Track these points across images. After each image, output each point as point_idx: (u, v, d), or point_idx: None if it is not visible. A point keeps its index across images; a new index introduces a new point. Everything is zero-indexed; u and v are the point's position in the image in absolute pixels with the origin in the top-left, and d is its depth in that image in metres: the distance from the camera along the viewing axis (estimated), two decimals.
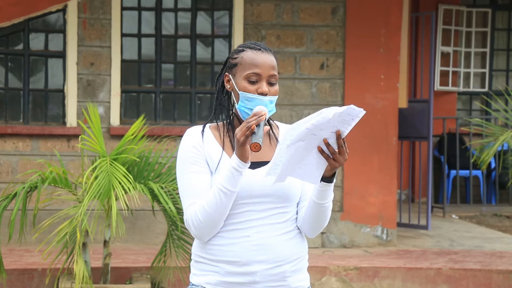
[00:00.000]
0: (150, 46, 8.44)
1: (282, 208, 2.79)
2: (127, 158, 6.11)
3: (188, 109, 8.46)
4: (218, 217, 2.71)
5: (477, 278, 7.31)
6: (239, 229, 2.75)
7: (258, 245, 2.74)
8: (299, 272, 2.83)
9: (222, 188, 2.67)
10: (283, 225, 2.78)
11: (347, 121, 2.58)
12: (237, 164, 2.65)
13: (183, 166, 2.78)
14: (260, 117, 2.62)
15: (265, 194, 2.75)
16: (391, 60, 8.32)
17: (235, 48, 2.85)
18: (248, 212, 2.75)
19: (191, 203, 2.74)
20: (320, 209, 2.76)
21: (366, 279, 7.27)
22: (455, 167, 11.16)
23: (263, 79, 2.76)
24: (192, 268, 2.86)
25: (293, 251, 2.79)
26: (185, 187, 2.76)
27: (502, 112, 7.46)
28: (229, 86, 2.82)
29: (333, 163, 2.65)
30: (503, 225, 10.28)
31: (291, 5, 8.32)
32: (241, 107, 2.75)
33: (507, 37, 12.15)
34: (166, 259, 6.44)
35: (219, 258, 2.77)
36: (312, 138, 2.60)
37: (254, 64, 2.75)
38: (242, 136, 2.61)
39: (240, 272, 2.75)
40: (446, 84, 11.85)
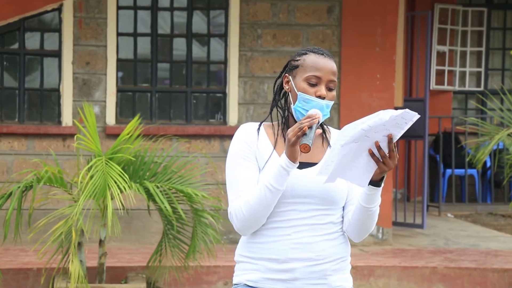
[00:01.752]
0: (146, 45, 8.44)
1: (325, 210, 2.82)
2: (123, 158, 6.11)
3: (184, 109, 8.46)
4: (261, 213, 2.76)
5: (472, 277, 7.32)
6: (280, 227, 2.80)
7: (297, 243, 2.79)
8: (341, 272, 2.86)
9: (268, 185, 2.72)
10: (325, 227, 2.82)
11: (400, 125, 2.60)
12: (286, 164, 2.70)
13: (233, 160, 2.83)
14: (314, 119, 2.67)
15: (309, 195, 2.79)
16: (387, 59, 8.33)
17: (297, 51, 2.91)
18: (291, 211, 2.80)
19: (237, 197, 2.80)
20: (367, 213, 2.79)
21: (361, 278, 7.28)
22: (450, 166, 11.17)
23: (323, 83, 2.81)
24: (235, 270, 2.92)
25: (333, 251, 2.83)
26: (232, 180, 2.82)
27: (497, 111, 7.47)
28: (288, 87, 2.87)
29: (382, 167, 2.68)
30: (498, 223, 10.29)
31: (287, 4, 8.32)
32: (298, 107, 2.80)
33: (502, 36, 12.16)
34: (161, 259, 6.44)
35: (260, 256, 2.82)
36: (365, 140, 2.62)
37: (315, 67, 2.81)
38: (293, 136, 2.66)
39: (280, 269, 2.80)
40: (441, 83, 11.86)
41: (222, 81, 8.47)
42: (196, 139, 8.22)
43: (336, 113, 8.29)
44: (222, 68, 8.47)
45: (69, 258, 5.98)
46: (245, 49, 8.31)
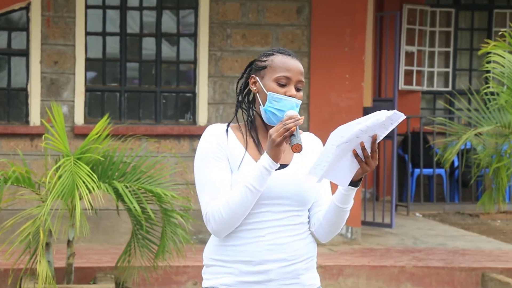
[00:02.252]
0: (114, 44, 8.40)
1: (297, 212, 2.84)
2: (91, 157, 6.08)
3: (153, 108, 8.43)
4: (240, 214, 2.76)
5: (440, 276, 7.38)
6: (255, 229, 2.80)
7: (271, 244, 2.79)
8: (311, 270, 2.88)
9: (249, 186, 2.72)
10: (297, 227, 2.83)
11: (386, 126, 2.61)
12: (268, 164, 2.70)
13: (204, 161, 2.81)
14: (298, 120, 2.68)
15: (284, 196, 2.80)
16: (356, 59, 8.37)
17: (263, 52, 2.92)
18: (266, 212, 2.80)
19: (212, 198, 2.78)
20: (341, 213, 2.81)
21: (330, 278, 7.31)
22: (419, 165, 11.24)
23: (292, 83, 2.82)
24: (203, 274, 2.90)
25: (305, 250, 2.84)
26: (205, 182, 2.80)
27: (465, 111, 7.53)
28: (255, 88, 2.87)
29: (365, 167, 2.69)
30: (466, 223, 10.38)
31: (257, 4, 8.33)
32: (268, 107, 2.80)
33: (470, 37, 12.27)
34: (130, 259, 6.42)
35: (234, 259, 2.81)
36: (354, 140, 2.63)
37: (285, 68, 2.82)
38: (279, 136, 2.66)
39: (254, 271, 2.80)
40: (410, 83, 11.94)
41: (191, 81, 8.46)
42: (166, 139, 8.20)
43: (306, 112, 8.31)
44: (192, 67, 8.45)
45: (37, 258, 5.94)
46: (214, 48, 8.30)
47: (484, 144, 8.09)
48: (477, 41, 11.97)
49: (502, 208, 10.70)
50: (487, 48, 6.86)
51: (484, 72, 10.06)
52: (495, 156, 7.46)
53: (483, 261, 7.73)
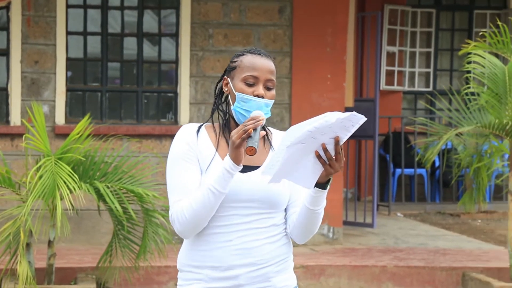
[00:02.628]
0: (96, 44, 8.37)
1: (268, 214, 2.80)
2: (73, 157, 6.06)
3: (135, 108, 8.41)
4: (203, 216, 2.73)
5: (421, 275, 7.41)
6: (222, 233, 2.77)
7: (240, 249, 2.76)
8: (284, 272, 2.85)
9: (211, 188, 2.69)
10: (267, 230, 2.80)
11: (347, 128, 2.58)
12: (230, 166, 2.66)
13: (174, 162, 2.79)
14: (258, 121, 2.64)
15: (252, 199, 2.77)
16: (337, 59, 8.38)
17: (236, 53, 2.89)
18: (233, 215, 2.77)
19: (178, 199, 2.75)
20: (312, 215, 2.77)
21: (312, 277, 7.32)
22: (400, 165, 11.28)
23: (260, 82, 2.78)
24: (178, 279, 2.88)
25: (276, 253, 2.81)
26: (173, 182, 2.78)
27: (446, 111, 7.56)
28: (227, 89, 2.84)
29: (328, 169, 2.65)
30: (447, 222, 10.43)
31: (239, 4, 8.33)
32: (237, 108, 2.77)
33: (450, 37, 12.33)
34: (112, 259, 6.40)
35: (202, 264, 2.79)
36: (311, 141, 2.59)
37: (252, 67, 2.78)
38: (238, 138, 2.63)
39: (223, 277, 2.77)
40: (391, 83, 11.98)
41: (173, 81, 8.44)
42: (147, 139, 8.18)
43: (287, 112, 8.32)
44: (173, 67, 8.44)
45: (17, 259, 5.91)
46: (196, 48, 8.29)
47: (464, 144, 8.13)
48: (458, 41, 12.03)
49: (482, 207, 10.75)
50: (468, 49, 6.89)
51: (464, 72, 10.11)
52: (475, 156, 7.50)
53: (464, 260, 7.76)
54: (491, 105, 6.87)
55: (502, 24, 6.78)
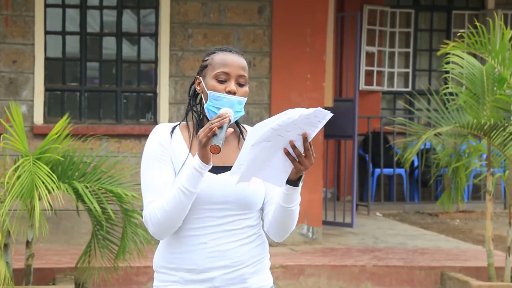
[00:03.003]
0: (74, 44, 8.33)
1: (242, 215, 2.78)
2: (51, 158, 6.03)
3: (114, 108, 8.38)
4: (176, 216, 2.71)
5: (400, 275, 7.44)
6: (197, 235, 2.75)
7: (214, 251, 2.75)
8: (260, 272, 2.84)
9: (182, 188, 2.67)
10: (242, 231, 2.78)
11: (314, 124, 2.56)
12: (198, 165, 2.64)
13: (147, 162, 2.77)
14: (224, 118, 2.62)
15: (225, 201, 2.75)
16: (317, 59, 8.40)
17: (207, 52, 2.88)
18: (207, 217, 2.75)
19: (151, 200, 2.74)
20: (286, 213, 2.75)
21: (291, 277, 7.32)
22: (379, 165, 11.31)
23: (232, 79, 2.77)
24: (154, 280, 2.87)
25: (251, 254, 2.80)
26: (147, 183, 2.76)
27: (424, 112, 7.59)
28: (199, 88, 2.83)
29: (298, 166, 2.62)
30: (425, 222, 10.48)
31: (218, 4, 8.32)
32: (209, 106, 2.75)
33: (429, 38, 12.38)
34: (90, 260, 6.37)
35: (178, 267, 2.78)
36: (278, 139, 2.57)
37: (223, 64, 2.77)
38: (204, 137, 2.61)
39: (198, 280, 2.76)
40: (370, 83, 12.02)
41: (152, 81, 8.42)
42: (126, 139, 8.16)
43: (267, 112, 8.32)
44: (153, 67, 8.42)
45: None
46: (175, 48, 8.28)
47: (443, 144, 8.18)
48: (436, 41, 12.09)
49: (460, 207, 10.81)
50: (446, 49, 6.92)
51: (443, 72, 10.16)
52: (454, 156, 7.56)
53: (442, 260, 7.80)
54: (469, 105, 6.91)
55: (480, 24, 6.82)
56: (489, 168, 7.00)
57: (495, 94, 6.82)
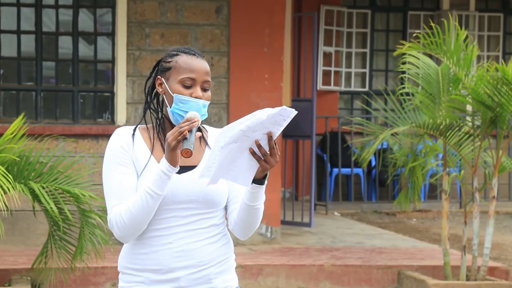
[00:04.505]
0: (30, 43, 8.24)
1: (207, 214, 2.79)
2: (7, 158, 5.95)
3: (71, 108, 8.31)
4: (142, 219, 2.70)
5: (358, 274, 7.48)
6: (162, 235, 2.75)
7: (180, 251, 2.74)
8: (225, 273, 2.84)
9: (149, 191, 2.66)
10: (207, 230, 2.79)
11: (279, 122, 2.58)
12: (166, 168, 2.64)
13: (110, 166, 2.76)
14: (193, 122, 2.62)
15: (189, 200, 2.75)
16: (275, 59, 8.41)
17: (168, 52, 2.84)
18: (172, 218, 2.75)
19: (116, 204, 2.73)
20: (251, 211, 2.76)
21: (250, 277, 7.32)
22: (337, 165, 11.37)
23: (198, 84, 2.76)
24: (119, 280, 2.86)
25: (216, 254, 2.80)
26: (110, 187, 2.75)
27: (381, 111, 7.65)
28: (161, 89, 2.81)
29: (264, 164, 2.65)
30: (383, 221, 10.55)
31: (175, 4, 8.29)
32: (175, 109, 2.74)
33: (385, 38, 12.48)
34: (47, 260, 6.31)
35: (143, 267, 2.78)
36: (244, 139, 2.59)
37: (189, 69, 2.76)
38: (173, 140, 2.61)
39: (164, 280, 2.76)
40: (328, 83, 12.07)
41: (109, 80, 8.37)
42: (84, 139, 8.09)
43: (225, 112, 8.31)
44: (110, 67, 8.36)
45: None
46: (133, 48, 8.23)
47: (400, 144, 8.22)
48: (393, 42, 12.19)
49: (417, 206, 10.91)
50: (402, 49, 6.97)
51: (399, 72, 10.24)
52: (410, 155, 7.59)
53: (399, 259, 7.86)
54: (425, 105, 6.97)
55: (435, 25, 6.89)
56: (445, 168, 7.07)
57: (450, 94, 6.89)
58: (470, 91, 6.76)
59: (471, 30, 12.10)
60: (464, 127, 6.98)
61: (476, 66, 7.54)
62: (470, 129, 7.01)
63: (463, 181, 7.34)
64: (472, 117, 7.03)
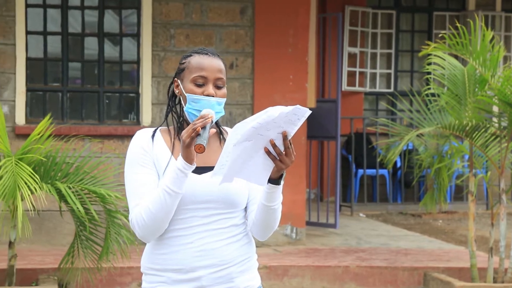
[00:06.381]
0: (56, 44, 8.30)
1: (227, 214, 2.79)
2: (33, 158, 5.99)
3: (96, 108, 8.35)
4: (162, 218, 2.72)
5: (383, 275, 7.45)
6: (182, 235, 2.76)
7: (200, 250, 2.75)
8: (247, 272, 2.84)
9: (167, 189, 2.68)
10: (227, 230, 2.79)
11: (293, 121, 2.57)
12: (182, 166, 2.66)
13: (131, 167, 2.79)
14: (207, 119, 2.64)
15: (209, 200, 2.76)
16: (299, 60, 8.40)
17: (184, 54, 2.88)
18: (192, 218, 2.76)
19: (137, 204, 2.75)
20: (269, 211, 2.77)
21: (275, 278, 7.32)
22: (362, 166, 11.34)
23: (210, 82, 2.78)
24: (143, 281, 2.88)
25: (238, 253, 2.81)
26: (131, 187, 2.77)
27: (407, 112, 7.61)
28: (178, 91, 2.84)
29: (279, 164, 2.64)
30: (408, 223, 10.50)
31: (200, 5, 8.31)
32: (189, 109, 2.77)
33: (411, 39, 12.42)
34: (74, 260, 6.34)
35: (164, 267, 2.79)
36: (258, 138, 2.58)
37: (200, 68, 2.79)
38: (187, 137, 2.63)
39: (186, 279, 2.77)
40: (353, 84, 12.04)
41: (135, 81, 8.40)
42: (109, 139, 8.13)
43: (250, 113, 8.32)
44: (135, 68, 8.39)
45: None
46: (158, 49, 8.26)
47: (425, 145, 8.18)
48: (418, 42, 12.13)
49: (443, 208, 10.84)
50: (428, 50, 6.94)
51: (425, 73, 10.19)
52: (436, 156, 7.55)
53: (425, 260, 7.82)
54: (451, 106, 6.93)
55: (461, 26, 6.85)
56: (471, 169, 7.03)
57: (476, 95, 6.85)
58: (496, 92, 6.71)
59: (497, 30, 12.02)
60: (490, 128, 6.93)
61: (502, 67, 7.49)
62: (497, 130, 6.97)
63: (490, 182, 7.28)
64: (498, 118, 6.98)
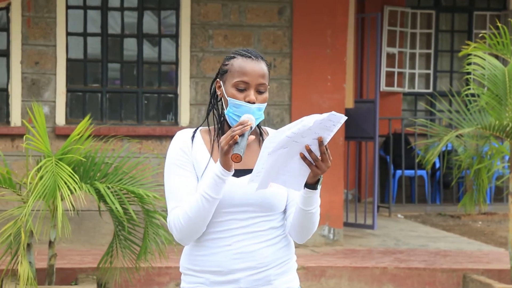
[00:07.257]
0: (96, 45, 8.37)
1: (265, 217, 2.79)
2: (73, 158, 6.05)
3: (135, 109, 8.41)
4: (200, 223, 2.73)
5: (421, 277, 7.40)
6: (221, 238, 2.77)
7: (239, 253, 2.76)
8: (286, 274, 2.84)
9: (204, 195, 2.68)
10: (265, 233, 2.79)
11: (329, 127, 2.56)
12: (220, 172, 2.66)
13: (170, 169, 2.79)
14: (245, 126, 2.63)
15: (247, 203, 2.76)
16: (337, 60, 8.38)
17: (227, 55, 2.85)
18: (230, 220, 2.76)
19: (175, 207, 2.76)
20: (306, 216, 2.75)
21: (313, 279, 7.31)
22: (400, 167, 11.27)
23: (251, 87, 2.76)
24: (181, 281, 2.89)
25: (275, 256, 2.80)
26: (170, 189, 2.78)
27: (446, 113, 7.55)
28: (219, 92, 2.83)
29: (315, 170, 2.63)
30: (447, 224, 10.42)
31: (238, 5, 8.32)
32: (229, 113, 2.76)
33: (450, 39, 12.32)
34: (112, 260, 6.39)
35: (203, 269, 2.80)
36: (294, 145, 2.58)
37: (242, 72, 2.76)
38: (225, 145, 2.62)
39: (224, 281, 2.78)
40: (391, 84, 11.97)
41: (173, 82, 8.44)
42: (148, 140, 8.18)
43: (288, 113, 8.31)
44: (174, 68, 8.44)
45: (18, 259, 5.90)
46: (196, 49, 8.29)
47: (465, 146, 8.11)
48: (458, 43, 12.03)
49: (483, 209, 10.72)
50: (468, 50, 6.89)
51: (464, 73, 10.11)
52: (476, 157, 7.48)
53: (464, 262, 7.76)
54: (491, 106, 6.87)
55: (502, 25, 6.78)
56: (511, 170, 6.95)
57: None
58: None
59: None
60: None
61: None
62: None
63: None
64: None
